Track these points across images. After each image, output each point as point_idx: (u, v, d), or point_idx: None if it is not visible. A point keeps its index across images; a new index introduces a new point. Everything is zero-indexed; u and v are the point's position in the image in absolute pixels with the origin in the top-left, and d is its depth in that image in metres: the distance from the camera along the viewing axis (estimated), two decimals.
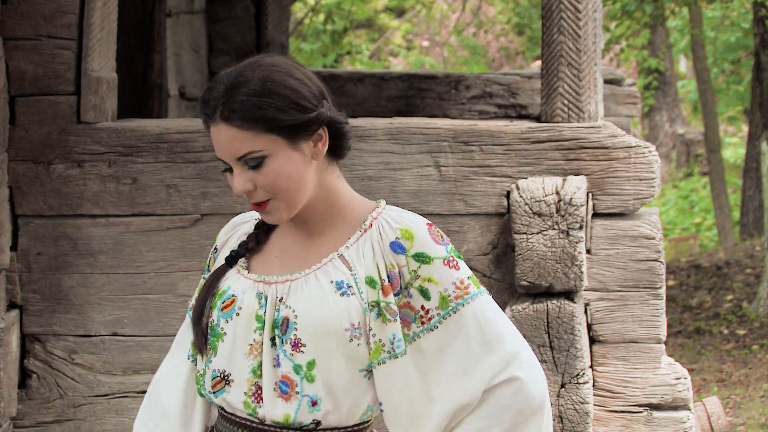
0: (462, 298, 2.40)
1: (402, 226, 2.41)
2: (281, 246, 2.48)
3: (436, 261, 2.40)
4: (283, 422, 2.40)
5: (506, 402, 2.40)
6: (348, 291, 2.39)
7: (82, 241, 4.26)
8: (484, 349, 2.40)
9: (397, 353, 2.40)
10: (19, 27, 4.23)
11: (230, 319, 2.42)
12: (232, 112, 2.34)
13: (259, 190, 2.37)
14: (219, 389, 2.44)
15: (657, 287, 4.19)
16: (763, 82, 12.18)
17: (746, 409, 8.02)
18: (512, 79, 7.46)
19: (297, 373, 2.38)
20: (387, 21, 25.40)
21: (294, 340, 2.38)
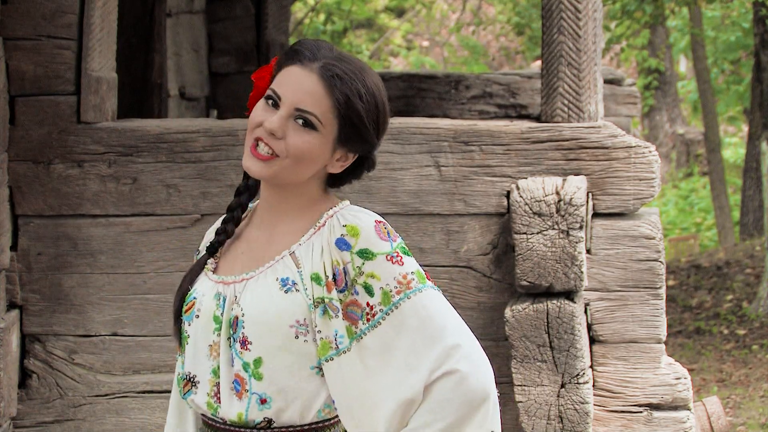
0: (403, 293, 2.38)
1: (348, 223, 2.41)
2: (247, 244, 2.49)
3: (378, 257, 2.39)
4: (237, 421, 2.41)
5: (447, 395, 2.37)
6: (292, 288, 2.39)
7: (82, 241, 4.26)
8: (425, 344, 2.38)
9: (341, 349, 2.39)
10: (19, 27, 4.23)
11: (191, 321, 2.45)
12: (337, 79, 2.37)
13: (281, 141, 2.37)
14: (187, 391, 2.47)
15: (657, 287, 4.19)
16: (763, 82, 12.18)
17: (746, 409, 8.02)
18: (512, 79, 7.46)
19: (246, 371, 2.40)
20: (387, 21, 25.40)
21: (242, 338, 2.40)
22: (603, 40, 4.52)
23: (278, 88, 2.40)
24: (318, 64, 2.40)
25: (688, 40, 17.59)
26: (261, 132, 2.39)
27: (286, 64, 2.42)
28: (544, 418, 4.04)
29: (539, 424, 4.03)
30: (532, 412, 4.04)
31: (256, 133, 2.40)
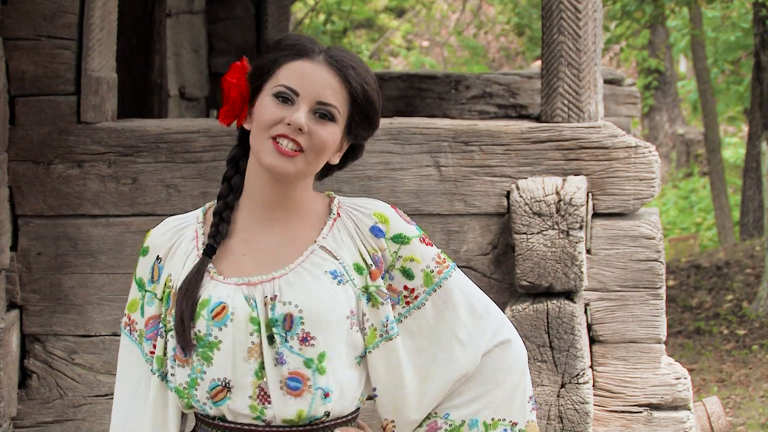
0: (444, 272, 2.49)
1: (374, 210, 2.48)
2: (246, 244, 2.46)
3: (413, 240, 2.47)
4: (296, 419, 2.40)
5: (501, 364, 2.51)
6: (342, 279, 2.42)
7: (82, 241, 4.27)
8: (474, 319, 2.50)
9: (391, 335, 2.45)
10: (19, 27, 4.23)
11: (224, 326, 2.40)
12: (349, 66, 2.41)
13: (305, 136, 2.38)
14: (221, 398, 2.41)
15: (657, 287, 4.19)
16: (763, 82, 12.18)
17: (746, 409, 8.02)
18: (512, 79, 7.46)
19: (308, 367, 2.39)
20: (387, 21, 25.40)
21: (302, 335, 2.39)
22: (603, 40, 4.52)
23: (290, 82, 2.40)
24: (323, 56, 2.42)
25: (688, 40, 17.59)
26: (283, 129, 2.38)
27: (287, 60, 2.41)
28: (544, 418, 4.04)
29: (539, 424, 4.03)
30: None
31: (275, 130, 2.38)
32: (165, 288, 2.48)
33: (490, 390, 2.50)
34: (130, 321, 2.52)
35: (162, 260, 2.49)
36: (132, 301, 2.52)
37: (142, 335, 2.51)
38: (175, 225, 2.52)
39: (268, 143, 2.39)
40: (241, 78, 2.46)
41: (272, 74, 2.42)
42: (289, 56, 2.42)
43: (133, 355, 2.52)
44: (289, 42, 2.44)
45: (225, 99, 2.48)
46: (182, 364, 2.44)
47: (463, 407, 2.50)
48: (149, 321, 2.49)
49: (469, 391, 2.50)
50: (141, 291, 2.51)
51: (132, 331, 2.52)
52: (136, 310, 2.51)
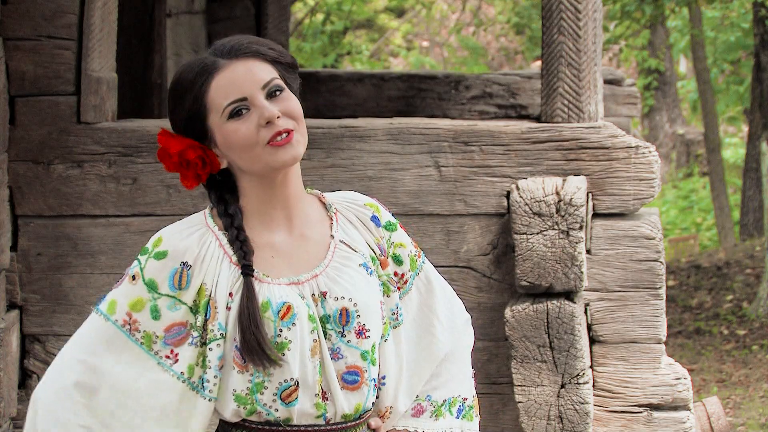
0: (421, 256, 2.58)
1: (366, 201, 2.54)
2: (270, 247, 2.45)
3: (397, 226, 2.55)
4: (353, 413, 2.43)
5: (466, 341, 2.63)
6: (372, 270, 2.48)
7: (82, 241, 4.26)
8: (447, 298, 2.59)
9: (399, 322, 2.52)
10: (19, 27, 4.23)
11: (292, 325, 2.39)
12: (249, 44, 2.43)
13: (283, 117, 2.39)
14: (294, 399, 2.40)
15: (657, 287, 4.19)
16: (763, 82, 12.19)
17: (746, 409, 8.02)
18: (512, 79, 7.46)
19: (365, 360, 2.43)
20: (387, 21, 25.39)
21: (359, 327, 2.42)
22: (603, 40, 4.52)
23: (231, 96, 2.39)
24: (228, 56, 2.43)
25: (688, 40, 17.59)
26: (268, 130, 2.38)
27: (207, 84, 2.41)
28: (544, 418, 4.04)
29: (539, 425, 4.03)
30: (532, 413, 4.04)
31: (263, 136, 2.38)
32: (200, 298, 2.42)
33: (457, 369, 2.59)
34: (131, 320, 2.42)
35: (191, 267, 2.42)
36: (137, 300, 2.42)
37: (149, 338, 2.42)
38: (193, 231, 2.46)
39: (268, 150, 2.38)
40: (182, 141, 2.45)
41: (206, 108, 2.41)
42: (203, 83, 2.41)
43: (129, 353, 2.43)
44: (189, 75, 2.43)
45: (181, 167, 2.44)
46: (241, 371, 2.40)
47: (441, 387, 2.58)
48: (172, 327, 2.42)
49: (445, 371, 2.58)
50: (152, 293, 2.42)
51: (133, 330, 2.42)
52: (141, 311, 2.42)
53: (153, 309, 2.42)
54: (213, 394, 2.43)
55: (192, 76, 2.41)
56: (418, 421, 2.55)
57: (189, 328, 2.42)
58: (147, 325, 2.42)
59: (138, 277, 2.43)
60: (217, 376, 2.42)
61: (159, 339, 2.42)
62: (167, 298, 2.42)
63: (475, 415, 2.62)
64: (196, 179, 2.45)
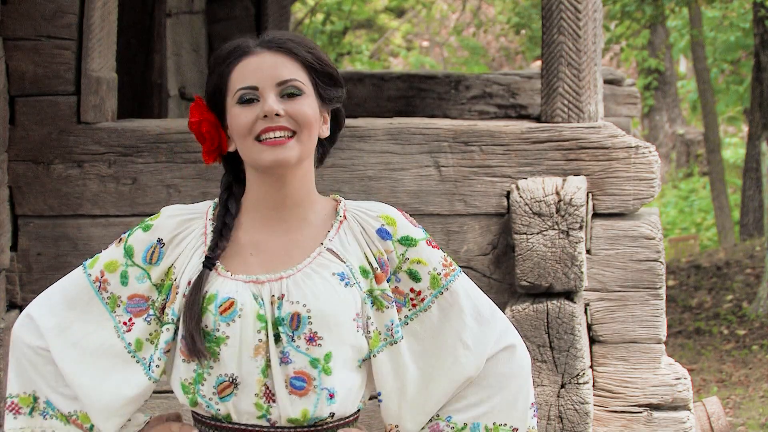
0: (451, 276, 2.49)
1: (382, 213, 2.48)
2: (253, 244, 2.47)
3: (420, 242, 2.48)
4: (300, 419, 2.40)
5: (504, 369, 2.50)
6: (349, 282, 2.43)
7: (82, 241, 4.27)
8: (479, 322, 2.49)
9: (396, 338, 2.46)
10: (19, 27, 4.23)
11: (231, 321, 2.40)
12: (288, 40, 2.43)
13: (286, 118, 2.39)
14: (227, 394, 2.41)
15: (657, 287, 4.19)
16: (763, 82, 12.19)
17: (746, 409, 8.02)
18: (512, 79, 7.46)
19: (315, 367, 2.39)
20: (387, 21, 25.40)
21: (309, 334, 2.39)
22: (603, 40, 4.52)
23: (245, 82, 2.41)
24: (261, 45, 2.44)
25: (688, 40, 17.59)
26: (263, 124, 2.39)
27: (232, 67, 2.43)
28: (544, 418, 4.04)
29: (539, 424, 4.04)
30: None
31: (256, 130, 2.39)
32: (166, 278, 2.48)
33: (493, 395, 2.50)
34: (102, 279, 2.52)
35: (165, 246, 2.49)
36: (111, 261, 2.51)
37: (115, 301, 2.51)
38: (184, 214, 2.53)
39: (257, 146, 2.40)
40: (204, 113, 2.47)
41: (227, 88, 2.44)
42: (231, 62, 2.43)
43: (93, 309, 2.53)
44: (224, 51, 2.46)
45: (200, 139, 2.48)
46: (186, 360, 2.44)
47: (465, 411, 2.50)
48: (134, 297, 2.50)
49: (472, 395, 2.50)
50: (126, 258, 2.50)
51: (101, 289, 2.52)
52: (113, 273, 2.51)
53: (123, 274, 2.50)
54: (155, 375, 2.50)
55: (225, 53, 2.45)
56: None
57: (149, 304, 2.49)
58: (115, 288, 2.51)
59: (122, 241, 2.53)
60: (162, 359, 2.48)
61: (122, 304, 2.51)
62: (137, 268, 2.49)
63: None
64: (209, 155, 2.49)
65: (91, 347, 2.52)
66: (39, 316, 2.55)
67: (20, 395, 2.55)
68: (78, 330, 2.53)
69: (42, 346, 2.54)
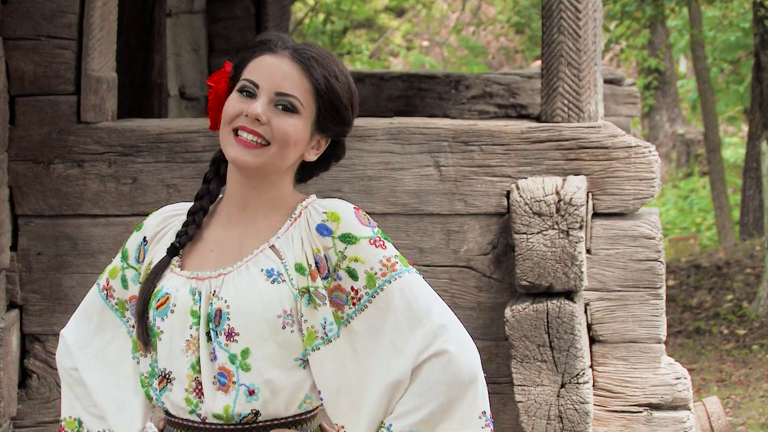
0: (388, 275, 2.41)
1: (328, 209, 2.44)
2: (216, 240, 2.48)
3: (362, 240, 2.41)
4: (223, 414, 2.40)
5: (436, 377, 2.39)
6: (278, 278, 2.40)
7: (82, 241, 4.27)
8: (412, 325, 2.40)
9: (330, 337, 2.41)
10: (19, 27, 4.23)
11: (165, 317, 2.42)
12: (312, 58, 2.41)
13: (267, 127, 2.38)
14: (162, 388, 2.44)
15: (657, 287, 4.19)
16: (763, 82, 12.18)
17: (746, 409, 8.02)
18: (512, 79, 7.46)
19: (233, 363, 2.39)
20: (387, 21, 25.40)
21: (228, 330, 2.39)
22: (603, 40, 4.52)
23: (252, 76, 2.41)
24: (289, 50, 2.43)
25: (688, 40, 17.59)
26: (243, 121, 2.39)
27: (254, 56, 2.43)
28: (544, 418, 4.04)
29: (539, 424, 4.04)
30: (532, 412, 4.04)
31: (236, 123, 2.40)
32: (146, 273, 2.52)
33: (427, 402, 2.39)
34: (108, 287, 2.56)
35: (148, 243, 2.53)
36: (114, 268, 2.57)
37: (122, 306, 2.55)
38: (169, 211, 2.56)
39: (230, 137, 2.40)
40: (220, 81, 2.48)
41: (242, 70, 2.44)
42: (257, 52, 2.44)
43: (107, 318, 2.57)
44: (258, 39, 2.46)
45: (213, 98, 2.50)
46: (144, 354, 2.49)
47: (403, 418, 2.40)
48: (132, 299, 2.53)
49: (408, 401, 2.40)
50: (123, 262, 2.55)
51: (109, 297, 2.57)
52: (115, 278, 2.55)
53: (123, 278, 2.54)
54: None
55: (257, 40, 2.46)
56: None
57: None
58: (119, 292, 2.55)
59: (122, 246, 2.58)
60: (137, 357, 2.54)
61: (129, 308, 2.54)
62: (132, 269, 2.53)
63: None
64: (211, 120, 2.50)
65: (112, 357, 2.57)
66: (67, 333, 2.64)
67: (66, 419, 2.61)
68: (98, 342, 2.59)
69: (73, 366, 2.61)
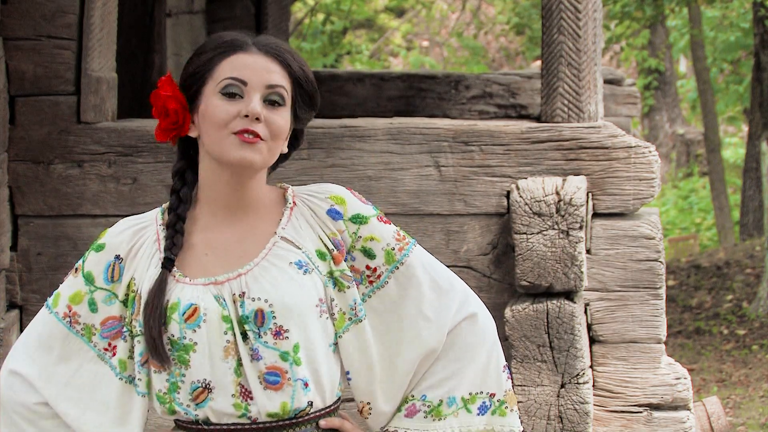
0: (405, 249, 2.48)
1: (330, 194, 2.48)
2: (208, 244, 2.46)
3: (371, 219, 2.48)
4: (280, 412, 2.40)
5: (470, 339, 2.49)
6: (308, 268, 2.42)
7: (82, 241, 4.27)
8: (438, 294, 2.49)
9: (360, 317, 2.46)
10: (19, 27, 4.23)
11: (198, 327, 2.39)
12: (284, 50, 2.43)
13: (263, 125, 2.39)
14: (203, 400, 2.41)
15: (657, 287, 4.19)
16: (763, 82, 12.18)
17: (746, 409, 8.02)
18: (512, 79, 7.46)
19: (285, 360, 2.39)
20: (387, 21, 25.40)
21: (276, 329, 2.39)
22: (603, 40, 4.52)
23: (236, 74, 2.39)
24: (258, 45, 2.43)
25: (688, 40, 17.59)
26: (242, 123, 2.37)
27: (225, 56, 2.41)
28: (544, 418, 4.04)
29: (539, 424, 4.04)
30: (532, 412, 4.04)
31: (234, 125, 2.38)
32: (129, 291, 2.47)
33: (463, 366, 2.48)
34: (71, 313, 2.49)
35: (123, 260, 2.47)
36: (75, 293, 2.49)
37: (89, 330, 2.49)
38: (134, 225, 2.51)
39: (229, 139, 2.38)
40: (175, 89, 2.44)
41: (211, 75, 2.41)
42: (225, 53, 2.42)
43: (71, 346, 2.50)
44: (218, 40, 2.44)
45: (161, 114, 2.45)
46: (158, 370, 2.44)
47: (438, 387, 2.49)
48: (107, 321, 2.48)
49: (442, 369, 2.49)
50: (89, 285, 2.48)
51: (73, 323, 2.49)
52: (80, 303, 2.48)
53: (90, 302, 2.48)
54: (142, 390, 2.47)
55: (219, 42, 2.43)
56: (410, 421, 2.49)
57: (123, 322, 2.47)
58: (86, 317, 2.49)
59: (79, 270, 2.50)
60: (142, 371, 2.46)
61: (97, 332, 2.49)
62: (102, 291, 2.47)
63: (509, 410, 2.51)
64: (165, 132, 2.47)
65: (86, 384, 2.50)
66: (23, 369, 2.51)
67: None
68: (63, 371, 2.51)
69: (39, 401, 2.51)
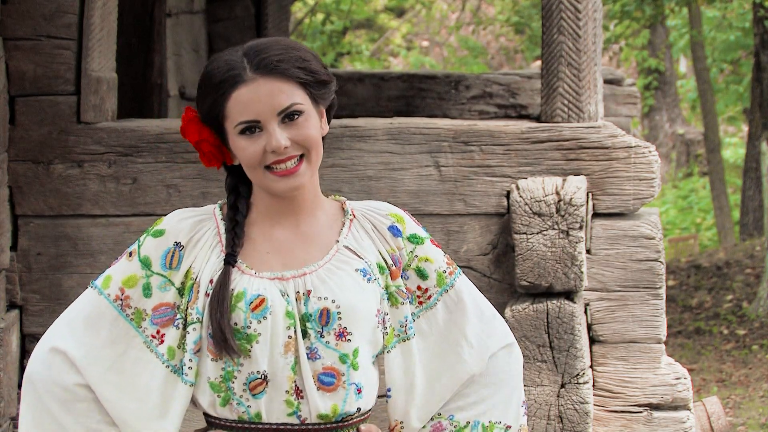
0: (454, 274, 2.54)
1: (390, 212, 2.52)
2: (268, 242, 2.47)
3: (426, 241, 2.53)
4: (330, 414, 2.41)
5: (505, 367, 2.56)
6: (371, 277, 2.45)
7: (82, 241, 4.27)
8: (482, 320, 2.56)
9: (409, 335, 2.50)
10: (19, 27, 4.23)
11: (263, 318, 2.40)
12: (278, 62, 2.39)
13: (293, 146, 2.39)
14: (259, 391, 2.41)
15: (657, 287, 4.19)
16: (763, 82, 12.18)
17: (746, 409, 8.02)
18: (512, 79, 7.46)
19: (344, 363, 2.42)
20: (387, 21, 25.40)
21: (339, 330, 2.41)
22: (603, 40, 4.52)
23: (245, 116, 2.39)
24: (255, 69, 2.40)
25: (688, 40, 17.59)
26: (272, 158, 2.39)
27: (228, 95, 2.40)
28: (544, 418, 4.04)
29: (539, 424, 4.04)
30: (532, 412, 4.04)
31: (265, 161, 2.39)
32: (186, 279, 2.46)
33: (493, 393, 2.54)
34: (123, 296, 2.47)
35: (183, 248, 2.47)
36: (130, 276, 2.47)
37: (140, 315, 2.47)
38: (194, 216, 2.52)
39: (267, 176, 2.41)
40: (202, 132, 2.46)
41: (223, 115, 2.42)
42: (226, 91, 2.40)
43: (119, 330, 2.47)
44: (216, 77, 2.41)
45: (200, 152, 2.49)
46: (215, 358, 2.43)
47: (467, 409, 2.53)
48: (160, 307, 2.46)
49: (474, 393, 2.53)
50: (145, 270, 2.47)
51: (125, 306, 2.47)
52: (134, 287, 2.47)
53: (145, 286, 2.47)
54: (190, 378, 2.45)
55: (217, 81, 2.41)
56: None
57: (176, 310, 2.46)
58: (138, 302, 2.47)
59: (134, 254, 2.49)
60: (193, 360, 2.45)
61: (147, 317, 2.47)
62: (159, 276, 2.47)
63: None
64: (210, 163, 2.51)
65: (128, 370, 2.47)
66: (67, 347, 2.47)
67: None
68: (109, 355, 2.48)
69: (79, 382, 2.47)
